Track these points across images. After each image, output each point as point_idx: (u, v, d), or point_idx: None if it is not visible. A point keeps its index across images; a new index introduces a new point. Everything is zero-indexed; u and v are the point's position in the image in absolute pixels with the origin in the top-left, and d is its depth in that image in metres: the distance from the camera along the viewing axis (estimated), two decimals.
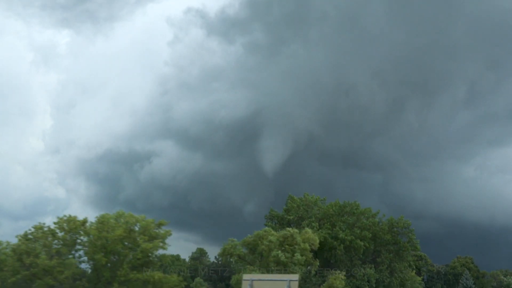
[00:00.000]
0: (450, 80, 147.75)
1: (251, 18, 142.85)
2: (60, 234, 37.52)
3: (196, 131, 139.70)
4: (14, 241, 37.58)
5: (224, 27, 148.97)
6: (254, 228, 45.68)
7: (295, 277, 23.71)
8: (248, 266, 40.83)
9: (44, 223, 38.07)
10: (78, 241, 37.82)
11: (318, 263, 44.89)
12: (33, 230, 37.65)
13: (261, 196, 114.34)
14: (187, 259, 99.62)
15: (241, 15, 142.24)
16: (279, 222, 54.97)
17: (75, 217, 38.12)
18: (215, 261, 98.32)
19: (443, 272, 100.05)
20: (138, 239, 36.71)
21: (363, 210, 55.09)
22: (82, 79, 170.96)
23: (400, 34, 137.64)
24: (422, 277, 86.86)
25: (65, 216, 38.12)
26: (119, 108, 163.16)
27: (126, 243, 36.72)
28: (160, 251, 38.38)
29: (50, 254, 36.05)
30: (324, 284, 44.72)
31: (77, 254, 37.70)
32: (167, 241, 38.47)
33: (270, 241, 40.49)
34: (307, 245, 41.09)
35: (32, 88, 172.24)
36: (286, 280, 22.72)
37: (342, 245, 49.77)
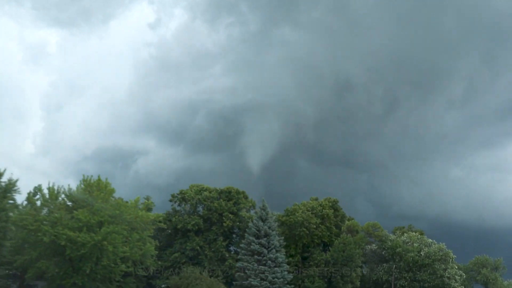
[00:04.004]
0: (442, 81, 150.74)
1: None
2: None
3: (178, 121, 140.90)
4: None
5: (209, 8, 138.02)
6: None
7: None
8: None
9: None
10: None
11: None
12: None
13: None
14: None
15: None
16: None
17: None
18: None
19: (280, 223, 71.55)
20: None
21: None
22: (72, 79, 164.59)
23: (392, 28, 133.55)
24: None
25: None
26: (103, 106, 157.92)
27: None
28: None
29: None
30: None
31: None
32: None
33: None
34: None
35: (24, 90, 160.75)
36: None
37: None
